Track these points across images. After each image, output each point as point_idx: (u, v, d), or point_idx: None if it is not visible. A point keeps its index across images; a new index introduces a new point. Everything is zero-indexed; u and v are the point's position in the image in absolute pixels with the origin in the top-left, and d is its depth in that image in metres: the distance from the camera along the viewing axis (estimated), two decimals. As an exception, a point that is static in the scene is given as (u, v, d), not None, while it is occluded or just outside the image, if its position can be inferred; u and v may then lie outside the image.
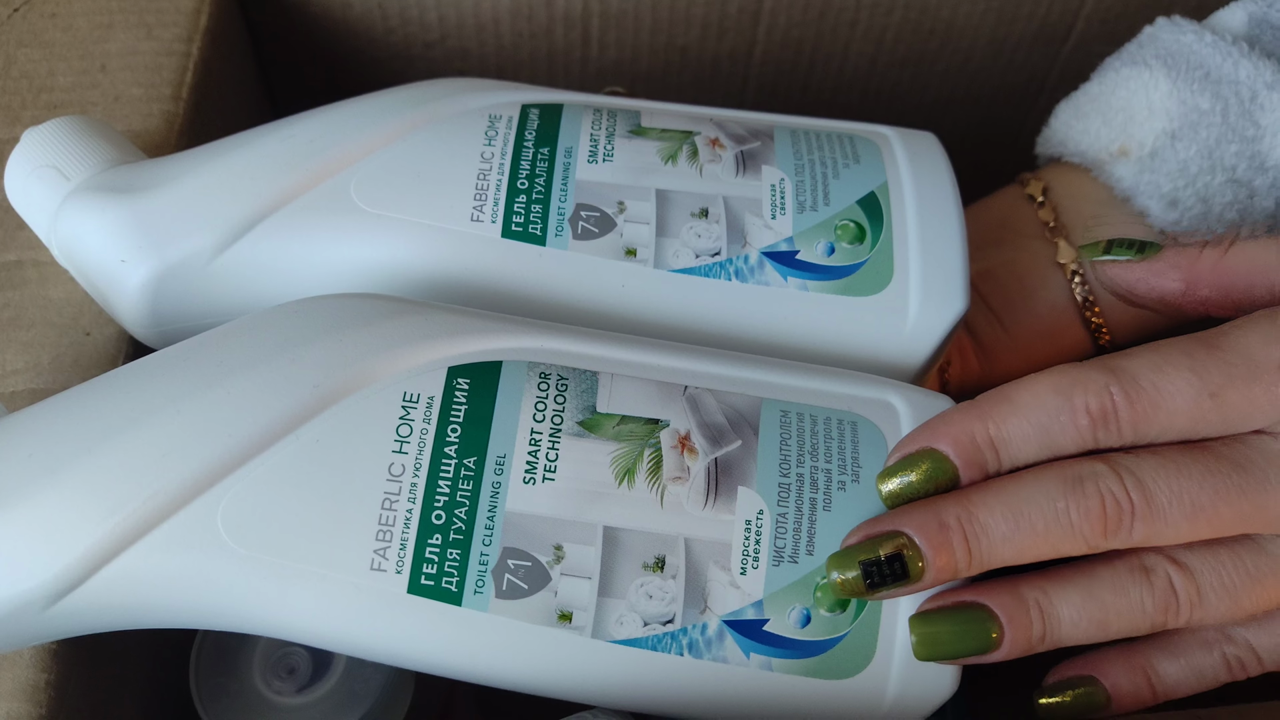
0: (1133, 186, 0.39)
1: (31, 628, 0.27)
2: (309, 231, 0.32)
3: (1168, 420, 0.27)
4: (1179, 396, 0.27)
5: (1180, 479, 0.27)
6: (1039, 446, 0.28)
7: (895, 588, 0.27)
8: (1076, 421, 0.27)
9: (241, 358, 0.28)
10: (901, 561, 0.27)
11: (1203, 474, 0.27)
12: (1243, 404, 0.27)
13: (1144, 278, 0.32)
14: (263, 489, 0.27)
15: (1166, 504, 0.27)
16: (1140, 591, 0.28)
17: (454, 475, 0.28)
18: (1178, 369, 0.27)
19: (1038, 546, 0.27)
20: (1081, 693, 0.29)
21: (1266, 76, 0.37)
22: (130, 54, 0.40)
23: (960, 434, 0.28)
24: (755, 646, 0.27)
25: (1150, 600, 0.27)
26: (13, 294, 0.35)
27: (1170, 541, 0.27)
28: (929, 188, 0.34)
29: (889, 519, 0.28)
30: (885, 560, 0.27)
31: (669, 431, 0.28)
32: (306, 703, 0.33)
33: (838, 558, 0.27)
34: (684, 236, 0.32)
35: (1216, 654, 0.29)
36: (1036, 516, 0.27)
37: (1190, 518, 0.27)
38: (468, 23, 0.48)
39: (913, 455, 0.28)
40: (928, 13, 0.50)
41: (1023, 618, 0.27)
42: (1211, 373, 0.27)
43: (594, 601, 0.27)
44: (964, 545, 0.27)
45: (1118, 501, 0.27)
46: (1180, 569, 0.28)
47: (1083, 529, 0.27)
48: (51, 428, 0.28)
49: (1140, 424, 0.27)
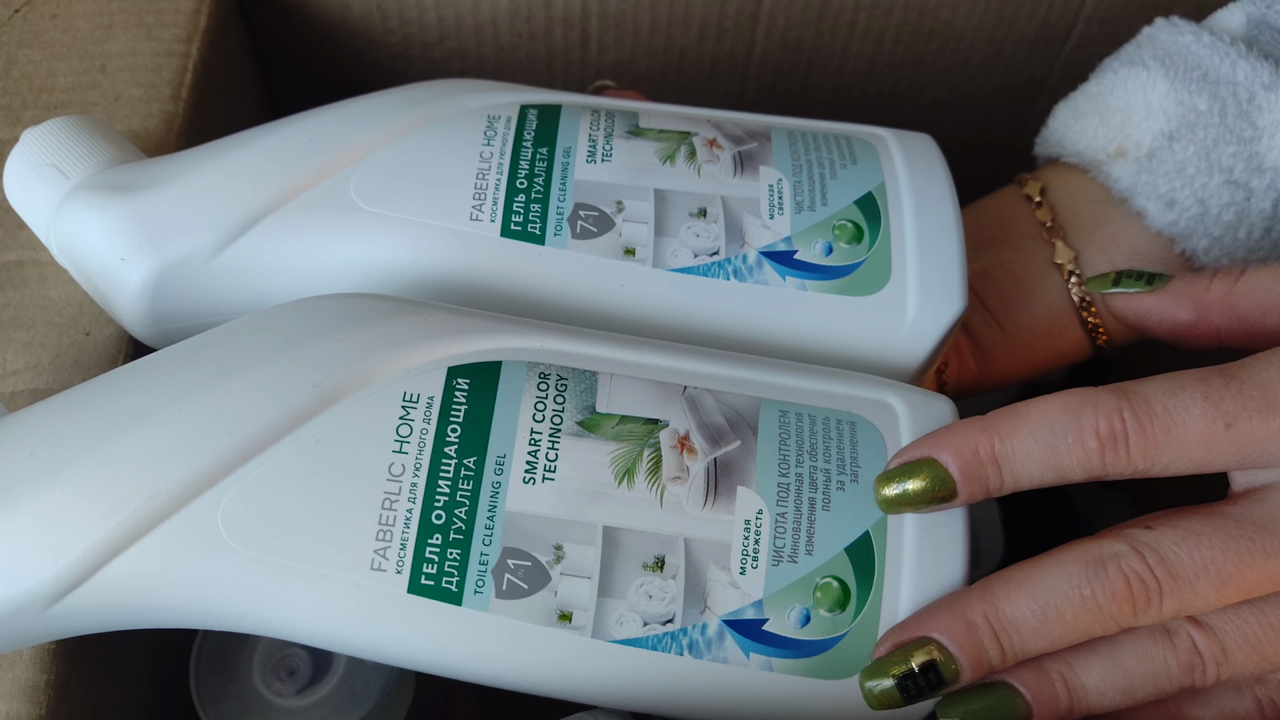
0: (1130, 187, 0.39)
1: (32, 627, 0.27)
2: (308, 230, 0.32)
3: (1179, 448, 0.27)
4: (1192, 424, 0.26)
5: (1202, 549, 0.26)
6: (1043, 467, 0.27)
7: (930, 691, 0.27)
8: (1085, 444, 0.27)
9: (241, 357, 0.28)
10: (936, 670, 0.26)
11: (1224, 541, 0.26)
12: (1258, 437, 0.26)
13: (1155, 309, 0.32)
14: (263, 489, 0.27)
15: (1193, 576, 0.26)
16: (1164, 655, 0.27)
17: (454, 475, 0.28)
18: (1192, 397, 0.27)
19: (1068, 634, 0.27)
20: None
21: (1264, 77, 0.37)
22: (130, 55, 0.40)
23: (963, 447, 0.27)
24: (755, 646, 0.27)
25: (1174, 663, 0.27)
26: (13, 294, 0.35)
27: (1200, 610, 0.27)
28: (926, 188, 0.34)
29: (914, 624, 0.27)
30: (920, 671, 0.26)
31: (668, 431, 0.28)
32: (307, 704, 0.33)
33: (871, 671, 0.27)
34: (682, 236, 0.32)
35: (1249, 699, 0.29)
36: (1064, 605, 0.26)
37: (1218, 587, 0.26)
38: (467, 24, 0.48)
39: (913, 463, 0.28)
40: (927, 14, 0.50)
41: (1048, 692, 0.27)
42: (1227, 402, 0.27)
43: (594, 601, 0.27)
44: (995, 644, 0.26)
45: (1143, 581, 0.26)
46: (1203, 630, 0.27)
47: (1111, 611, 0.26)
48: (52, 427, 0.28)
49: (1151, 450, 0.27)
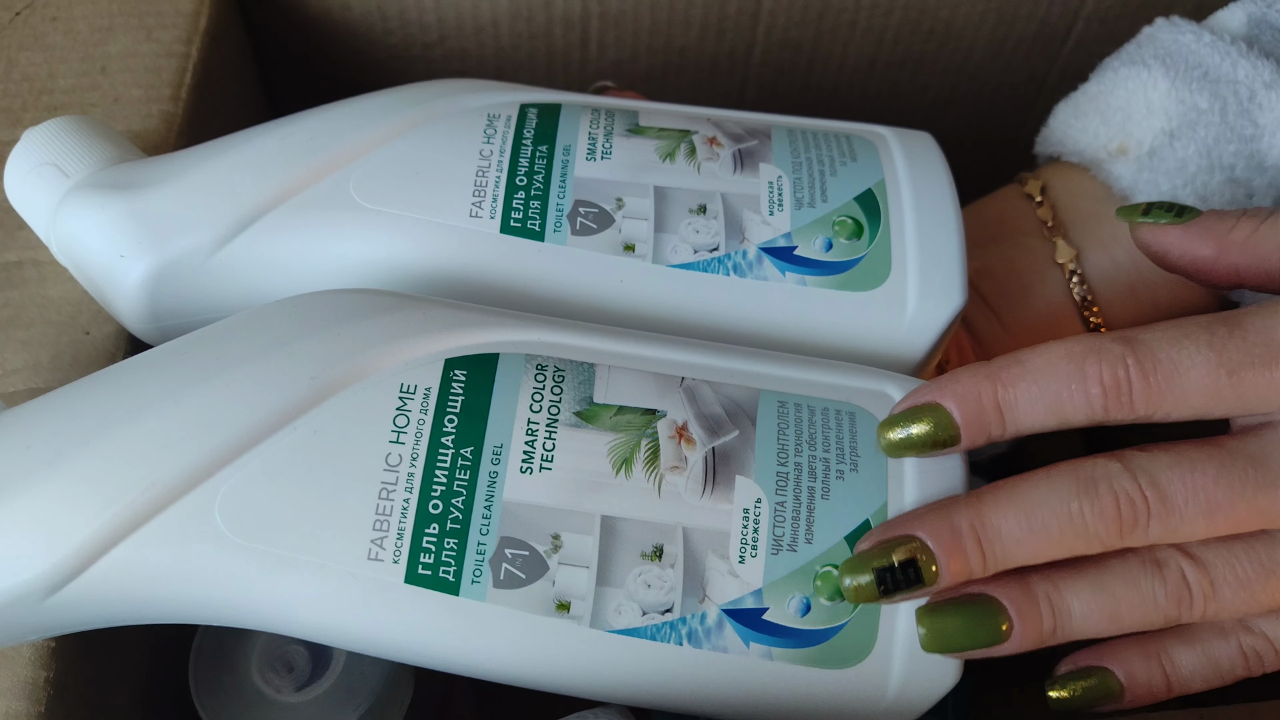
0: (1131, 185, 0.39)
1: (29, 620, 0.27)
2: (308, 227, 0.32)
3: (1182, 397, 0.27)
4: (1195, 372, 0.27)
5: (1195, 476, 0.26)
6: (1046, 414, 0.27)
7: (908, 593, 0.27)
8: (1088, 390, 0.27)
9: (239, 351, 0.28)
10: (915, 567, 0.26)
11: (1218, 470, 0.27)
12: (1261, 386, 0.27)
13: (1178, 242, 0.31)
14: (260, 479, 0.27)
15: (1182, 503, 0.26)
16: (1152, 584, 0.27)
17: (451, 465, 0.27)
18: (1196, 345, 0.27)
19: (1052, 548, 0.27)
20: (1094, 683, 0.29)
21: (1265, 76, 0.37)
22: (130, 56, 0.40)
23: (967, 393, 0.28)
24: (755, 636, 0.27)
25: (1162, 593, 0.27)
26: (12, 293, 0.35)
27: (1187, 539, 0.27)
28: (926, 184, 0.34)
29: (901, 523, 0.27)
30: (899, 566, 0.27)
31: (666, 422, 0.28)
32: (305, 700, 0.33)
33: (851, 564, 0.27)
34: (682, 232, 0.32)
35: (1234, 644, 0.29)
36: (1050, 519, 0.27)
37: (1207, 515, 0.26)
38: (467, 24, 0.48)
39: (917, 408, 0.28)
40: (927, 13, 0.50)
41: (1032, 611, 0.27)
42: (1231, 351, 0.27)
43: (592, 591, 0.27)
44: (977, 549, 0.27)
45: (1132, 501, 0.26)
46: (1193, 562, 0.27)
47: (1097, 530, 0.26)
48: (50, 420, 0.28)
49: (1154, 398, 0.27)
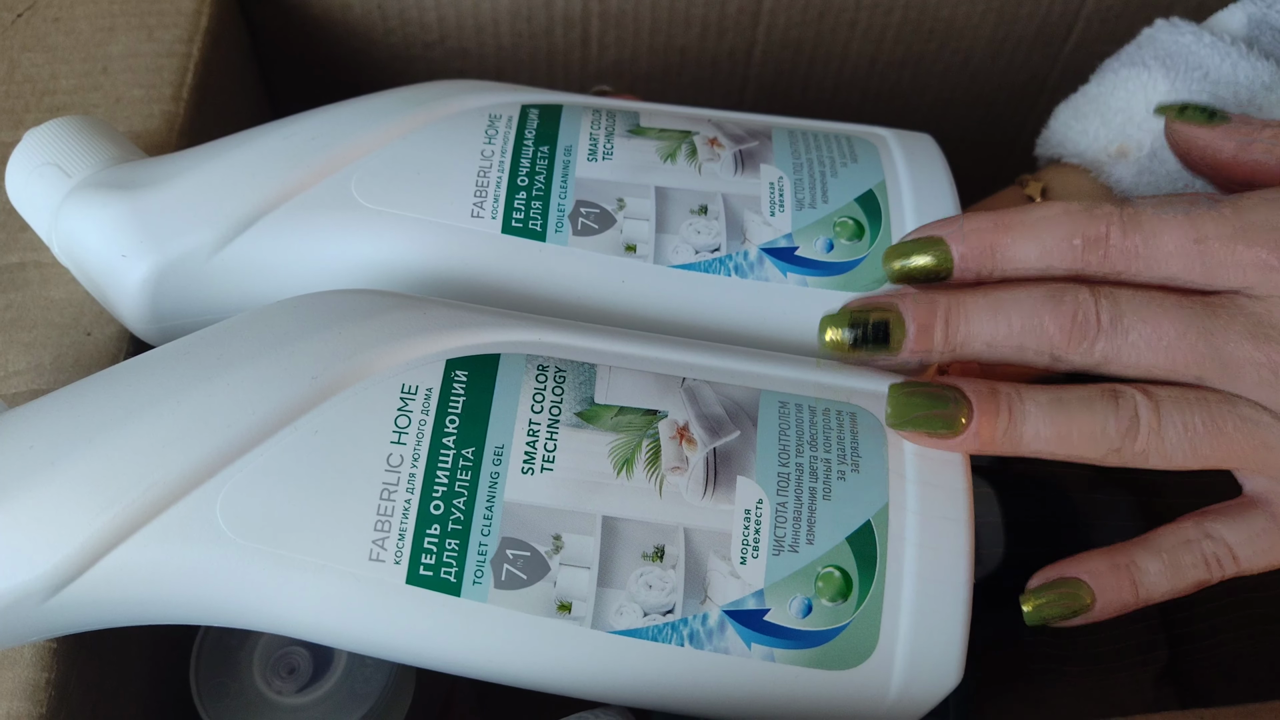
0: (1132, 187, 0.39)
1: (31, 621, 0.27)
2: (310, 227, 0.32)
3: (1152, 258, 0.29)
4: (1168, 237, 0.29)
5: (1153, 309, 0.29)
6: (1036, 260, 0.30)
7: (875, 350, 0.30)
8: (1072, 243, 0.29)
9: (240, 351, 0.28)
10: (886, 328, 0.30)
11: (1175, 309, 0.29)
12: (1225, 255, 0.29)
13: (1204, 137, 0.33)
14: (261, 480, 0.27)
15: (1130, 327, 0.29)
16: (1105, 408, 0.29)
17: (452, 466, 0.27)
18: (1176, 213, 0.29)
19: (1009, 340, 0.29)
20: (1066, 592, 0.30)
21: (1265, 78, 0.37)
22: (131, 56, 0.40)
23: (971, 236, 0.30)
24: (757, 637, 0.27)
25: (1113, 420, 0.29)
26: (14, 295, 0.35)
27: (1129, 364, 0.29)
28: (926, 186, 0.34)
29: (887, 293, 0.30)
30: (872, 325, 0.30)
31: (667, 422, 0.28)
32: (307, 702, 0.33)
33: (831, 316, 0.30)
34: (683, 233, 0.32)
35: (1196, 552, 0.30)
36: (1015, 316, 0.29)
37: (1150, 344, 0.29)
38: (467, 23, 0.48)
39: (923, 240, 0.30)
40: (927, 13, 0.50)
41: (991, 405, 0.29)
42: (1205, 223, 0.29)
43: (593, 591, 0.27)
44: (944, 326, 0.29)
45: (1087, 318, 0.29)
46: (1147, 397, 0.29)
47: (1051, 333, 0.29)
48: (51, 420, 0.28)
49: (1129, 256, 0.29)
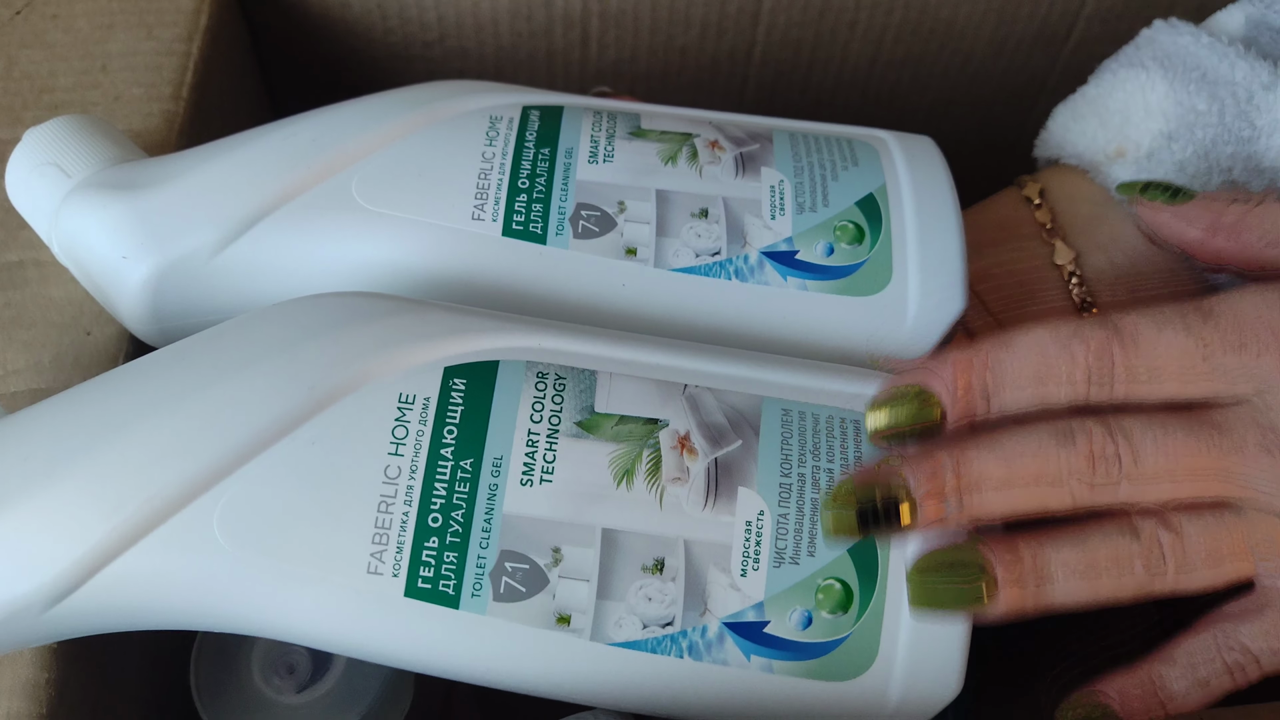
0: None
1: (31, 630, 0.27)
2: (310, 229, 0.32)
3: (1157, 380, 0.28)
4: (1172, 358, 0.28)
5: (1166, 436, 0.28)
6: (1032, 397, 0.28)
7: (885, 528, 0.27)
8: (1072, 375, 0.28)
9: (237, 357, 0.28)
10: (894, 504, 0.27)
11: (1186, 433, 0.28)
12: (1232, 366, 0.28)
13: (1169, 221, 0.33)
14: (259, 492, 0.27)
15: (1150, 459, 0.28)
16: (1129, 544, 0.28)
17: (450, 477, 0.27)
18: (1175, 331, 0.28)
19: (1028, 503, 0.28)
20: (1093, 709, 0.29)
21: (1263, 78, 0.37)
22: (131, 54, 0.40)
23: (953, 376, 0.28)
24: (756, 649, 0.27)
25: (1138, 553, 0.28)
26: (14, 294, 0.35)
27: (1154, 497, 0.28)
28: (927, 189, 0.34)
29: (882, 461, 0.28)
30: (880, 502, 0.27)
31: (668, 432, 0.28)
32: (306, 702, 0.33)
33: (830, 498, 0.28)
34: (684, 236, 0.32)
35: (1218, 661, 0.29)
36: (1029, 464, 0.27)
37: (1171, 477, 0.28)
38: (467, 23, 0.48)
39: (901, 391, 0.28)
40: (927, 13, 0.50)
41: (1015, 573, 0.28)
42: (1206, 333, 0.28)
43: (593, 604, 0.27)
44: (955, 490, 0.27)
45: (1105, 455, 0.28)
46: (1168, 529, 0.28)
47: (1070, 481, 0.28)
48: (48, 429, 0.28)
49: (1133, 382, 0.28)
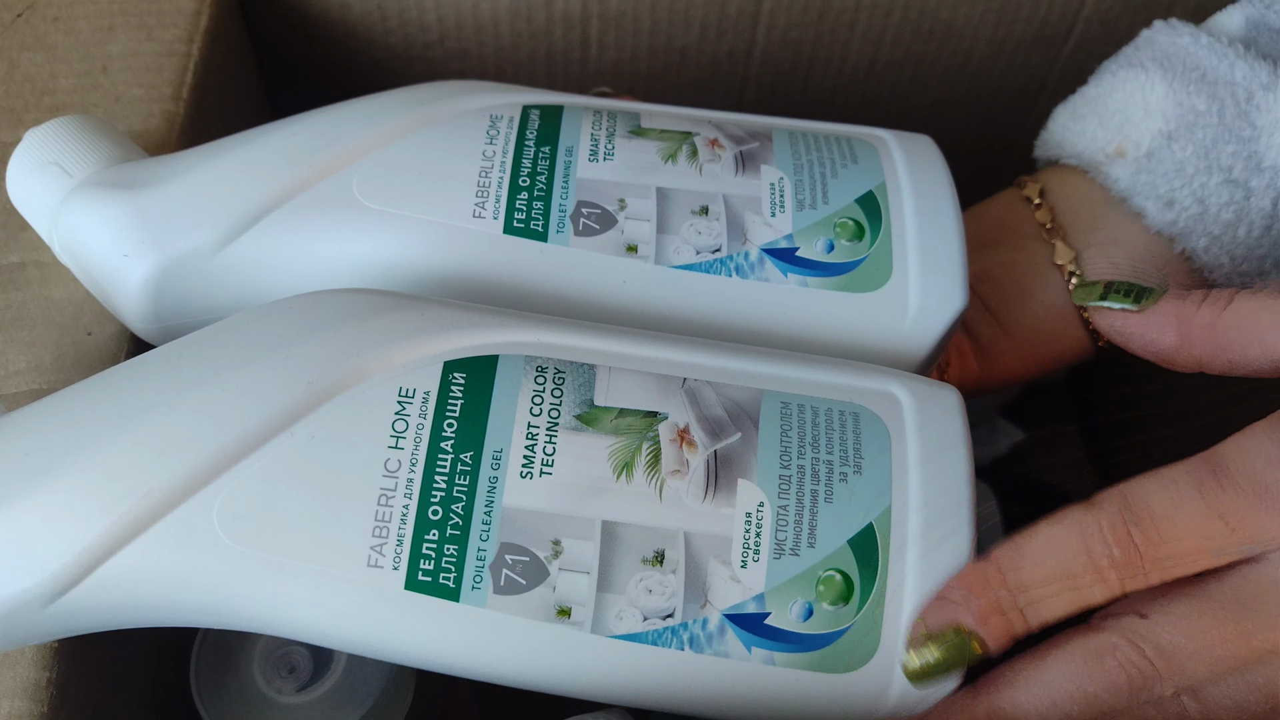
0: (1129, 187, 0.39)
1: (31, 626, 0.27)
2: (311, 227, 0.32)
3: (1185, 558, 0.28)
4: (1195, 534, 0.28)
5: (1195, 636, 0.28)
6: (1069, 603, 0.28)
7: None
8: (1104, 576, 0.28)
9: (236, 354, 0.28)
10: None
11: (1212, 625, 0.28)
12: (1254, 530, 0.28)
13: (1139, 331, 0.32)
14: (259, 485, 0.27)
15: (1186, 659, 0.27)
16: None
17: (450, 470, 0.27)
18: (1194, 504, 0.28)
19: None
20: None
21: (1263, 78, 0.37)
22: (131, 55, 0.40)
23: (983, 606, 0.28)
24: (757, 640, 0.27)
25: None
26: (15, 294, 0.35)
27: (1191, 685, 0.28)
28: (926, 187, 0.34)
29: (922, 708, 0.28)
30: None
31: (667, 425, 0.28)
32: (307, 701, 0.33)
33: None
34: (684, 233, 0.32)
35: None
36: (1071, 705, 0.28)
37: (1209, 665, 0.27)
38: (467, 24, 0.48)
39: (938, 632, 0.28)
40: (927, 14, 0.50)
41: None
42: (1224, 506, 0.28)
43: (593, 596, 0.27)
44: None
45: (1140, 671, 0.27)
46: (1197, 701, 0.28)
47: (1111, 702, 0.28)
48: (47, 426, 0.28)
49: (1163, 563, 0.28)
